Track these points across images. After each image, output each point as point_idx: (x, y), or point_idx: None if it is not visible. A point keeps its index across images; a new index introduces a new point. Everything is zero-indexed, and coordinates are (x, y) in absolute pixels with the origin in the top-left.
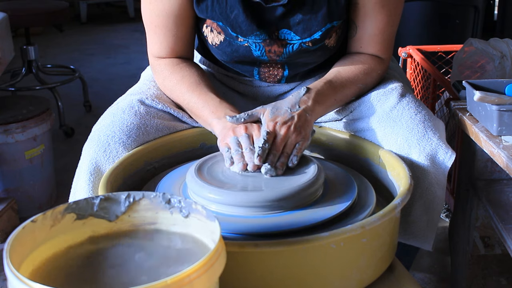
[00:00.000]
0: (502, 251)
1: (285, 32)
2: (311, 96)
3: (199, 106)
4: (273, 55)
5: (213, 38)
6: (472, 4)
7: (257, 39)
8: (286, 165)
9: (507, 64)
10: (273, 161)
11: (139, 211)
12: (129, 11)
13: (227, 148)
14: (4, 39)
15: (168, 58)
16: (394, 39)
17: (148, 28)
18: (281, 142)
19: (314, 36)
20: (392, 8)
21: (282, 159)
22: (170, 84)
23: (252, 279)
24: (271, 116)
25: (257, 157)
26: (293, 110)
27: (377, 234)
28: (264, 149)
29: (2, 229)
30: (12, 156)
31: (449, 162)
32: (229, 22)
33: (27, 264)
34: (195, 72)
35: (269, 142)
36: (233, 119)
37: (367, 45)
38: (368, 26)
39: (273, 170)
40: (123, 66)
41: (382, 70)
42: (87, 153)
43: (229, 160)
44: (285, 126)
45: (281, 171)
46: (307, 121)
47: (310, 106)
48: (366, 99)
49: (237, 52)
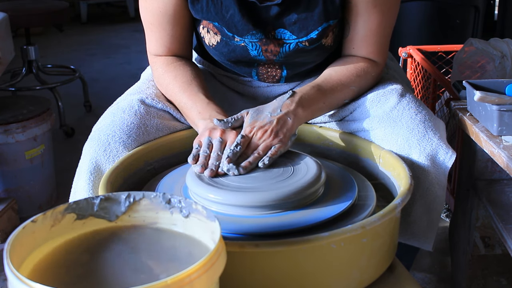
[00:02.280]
0: (503, 251)
1: (282, 32)
2: (295, 100)
3: (188, 106)
4: (270, 55)
5: (209, 39)
6: (472, 4)
7: (253, 39)
8: (255, 165)
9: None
10: (240, 161)
11: (140, 211)
12: (129, 11)
13: (198, 145)
14: (4, 39)
15: (164, 56)
16: (389, 42)
17: (145, 25)
18: (254, 146)
19: (311, 36)
20: (385, 9)
21: (250, 159)
22: (164, 83)
23: (252, 279)
24: (250, 120)
25: (226, 159)
26: (273, 114)
27: (378, 234)
28: (235, 152)
29: (2, 229)
30: (12, 156)
31: (450, 162)
32: (224, 22)
33: (27, 264)
34: (188, 71)
35: (243, 146)
36: (221, 122)
37: (360, 46)
38: (360, 26)
39: (235, 168)
40: (123, 66)
41: (377, 73)
42: (87, 153)
43: (193, 158)
44: (261, 130)
45: (245, 171)
46: (287, 125)
47: (292, 109)
48: (366, 99)
49: (234, 52)
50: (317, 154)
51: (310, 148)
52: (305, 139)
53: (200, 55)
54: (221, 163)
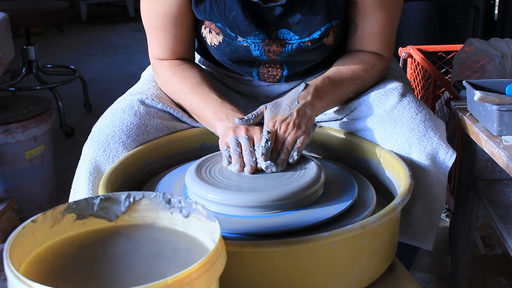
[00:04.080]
0: (503, 251)
1: (284, 32)
2: (310, 91)
3: (201, 107)
4: (272, 55)
5: (211, 39)
6: (473, 4)
7: (256, 39)
8: (287, 161)
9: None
10: (274, 157)
11: (139, 211)
12: (129, 11)
13: (226, 147)
14: (4, 39)
15: (170, 60)
16: (395, 36)
17: (147, 30)
18: (281, 139)
19: (314, 36)
20: (390, 7)
21: (283, 155)
22: (171, 86)
23: (252, 279)
24: (271, 115)
25: (261, 156)
26: (292, 107)
27: (378, 234)
28: (267, 148)
29: (2, 229)
30: (12, 156)
31: (450, 162)
32: (227, 22)
33: (27, 264)
34: (197, 73)
35: (272, 140)
36: (242, 121)
37: (367, 43)
38: (368, 25)
39: (273, 166)
40: (123, 66)
41: (382, 67)
42: (87, 153)
43: (227, 159)
44: (284, 123)
45: (282, 168)
46: (307, 116)
47: (309, 100)
48: (366, 98)
49: (236, 52)
50: (317, 154)
51: (310, 148)
52: None
53: (201, 55)
54: (258, 161)
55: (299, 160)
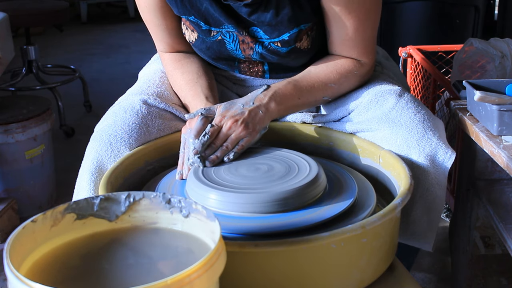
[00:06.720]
0: (503, 251)
1: (255, 30)
2: (268, 94)
3: (192, 106)
4: (247, 48)
5: (189, 36)
6: (472, 4)
7: (230, 28)
8: (222, 159)
9: (507, 64)
10: (208, 154)
11: (139, 211)
12: (129, 11)
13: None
14: (4, 39)
15: (170, 53)
16: (375, 42)
17: (146, 25)
18: (223, 136)
19: (283, 37)
20: (361, 15)
21: (218, 153)
22: (172, 80)
23: (252, 279)
24: (222, 110)
25: (192, 150)
26: (246, 106)
27: (378, 234)
28: (203, 142)
29: (2, 229)
30: (12, 156)
31: (449, 162)
32: (200, 14)
33: (27, 264)
34: (195, 69)
35: (212, 135)
36: (190, 115)
37: (341, 49)
38: (338, 32)
39: (200, 162)
40: (123, 66)
41: (361, 72)
42: (89, 153)
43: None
44: (231, 119)
45: (211, 165)
46: (258, 117)
47: (264, 103)
48: (364, 100)
49: (211, 48)
50: (317, 154)
51: (310, 148)
52: (305, 139)
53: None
54: (189, 156)
55: (299, 161)
